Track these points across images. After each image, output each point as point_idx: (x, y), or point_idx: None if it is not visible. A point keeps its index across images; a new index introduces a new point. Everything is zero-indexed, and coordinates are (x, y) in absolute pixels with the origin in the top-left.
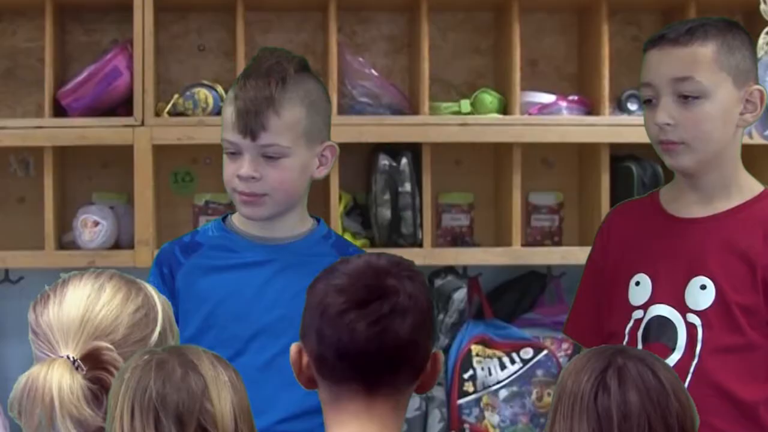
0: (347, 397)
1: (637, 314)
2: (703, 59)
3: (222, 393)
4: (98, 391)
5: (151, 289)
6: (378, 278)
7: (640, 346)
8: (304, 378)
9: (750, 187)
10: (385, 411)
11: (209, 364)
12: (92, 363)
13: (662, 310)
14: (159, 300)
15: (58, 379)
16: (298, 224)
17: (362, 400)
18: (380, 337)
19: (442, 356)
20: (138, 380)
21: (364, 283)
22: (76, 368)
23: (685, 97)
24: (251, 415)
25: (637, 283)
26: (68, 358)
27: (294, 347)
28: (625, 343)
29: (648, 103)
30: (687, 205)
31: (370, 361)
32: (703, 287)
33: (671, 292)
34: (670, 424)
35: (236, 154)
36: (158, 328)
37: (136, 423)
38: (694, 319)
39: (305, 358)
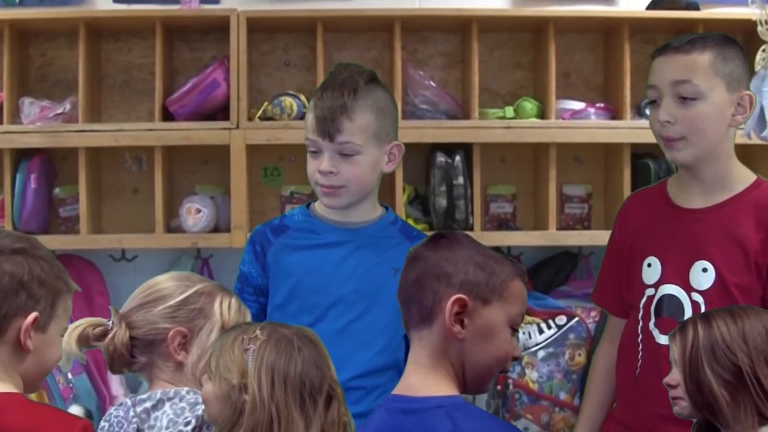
0: None
1: (650, 291)
2: (700, 66)
3: (331, 364)
4: None
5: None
6: None
7: (653, 320)
8: None
9: (744, 177)
10: (420, 355)
11: (320, 341)
12: None
13: (671, 289)
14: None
15: None
16: (370, 211)
17: (411, 347)
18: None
19: (459, 301)
20: (275, 357)
21: None
22: None
23: (684, 98)
24: None
25: (649, 265)
26: None
27: None
28: (640, 316)
29: (653, 104)
30: (690, 197)
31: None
32: (705, 270)
33: (677, 274)
34: None
35: (317, 152)
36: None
37: (277, 393)
38: (697, 297)
39: None
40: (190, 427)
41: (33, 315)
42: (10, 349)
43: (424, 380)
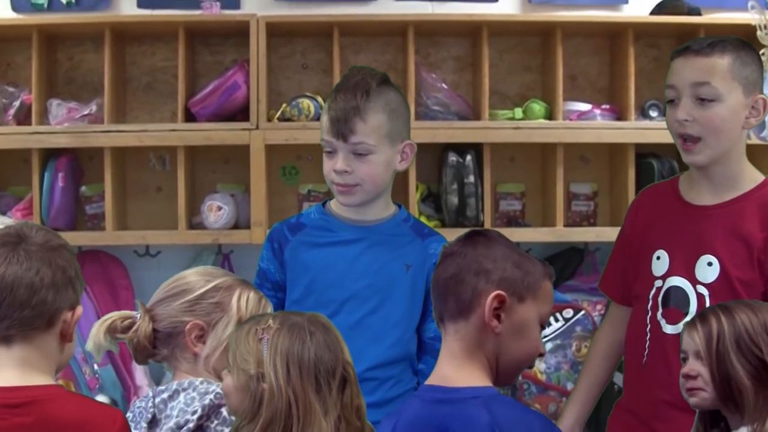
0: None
1: (658, 283)
2: (720, 69)
3: (346, 350)
4: None
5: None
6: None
7: (660, 310)
8: None
9: (753, 177)
10: (455, 347)
11: (334, 328)
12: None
13: (677, 281)
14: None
15: None
16: (383, 209)
17: (444, 339)
18: (434, 278)
19: (498, 298)
20: (289, 344)
21: None
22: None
23: (702, 99)
24: None
25: (658, 258)
26: None
27: None
28: (649, 306)
29: (671, 103)
30: (699, 194)
31: (433, 298)
32: (710, 264)
33: (684, 267)
34: None
35: (332, 152)
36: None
37: (293, 378)
38: (702, 290)
39: None
40: (195, 416)
41: (80, 308)
42: (56, 341)
43: (458, 371)
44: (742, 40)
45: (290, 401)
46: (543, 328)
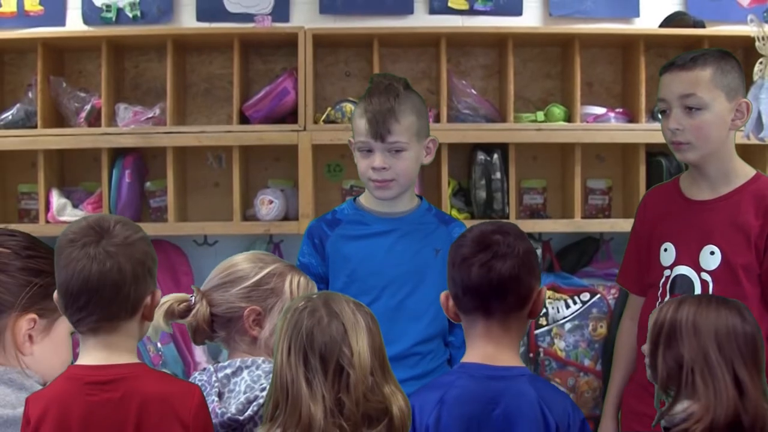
0: (473, 323)
1: (667, 272)
2: (703, 80)
3: (360, 336)
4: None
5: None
6: (484, 236)
7: (668, 296)
8: (451, 314)
9: (745, 172)
10: (500, 333)
11: (350, 313)
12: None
13: (683, 270)
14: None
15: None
16: (409, 201)
17: (483, 324)
18: (487, 275)
19: (545, 291)
20: (295, 322)
21: (476, 241)
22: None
23: (690, 108)
24: (384, 351)
25: (665, 250)
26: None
27: (443, 294)
28: (659, 293)
29: (663, 114)
30: (699, 191)
31: (482, 292)
32: (712, 253)
33: (689, 257)
34: None
35: (369, 151)
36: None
37: (291, 358)
38: (706, 276)
39: (450, 300)
40: (265, 393)
41: (159, 292)
42: (138, 323)
43: (502, 352)
44: (723, 51)
45: (286, 376)
46: None
